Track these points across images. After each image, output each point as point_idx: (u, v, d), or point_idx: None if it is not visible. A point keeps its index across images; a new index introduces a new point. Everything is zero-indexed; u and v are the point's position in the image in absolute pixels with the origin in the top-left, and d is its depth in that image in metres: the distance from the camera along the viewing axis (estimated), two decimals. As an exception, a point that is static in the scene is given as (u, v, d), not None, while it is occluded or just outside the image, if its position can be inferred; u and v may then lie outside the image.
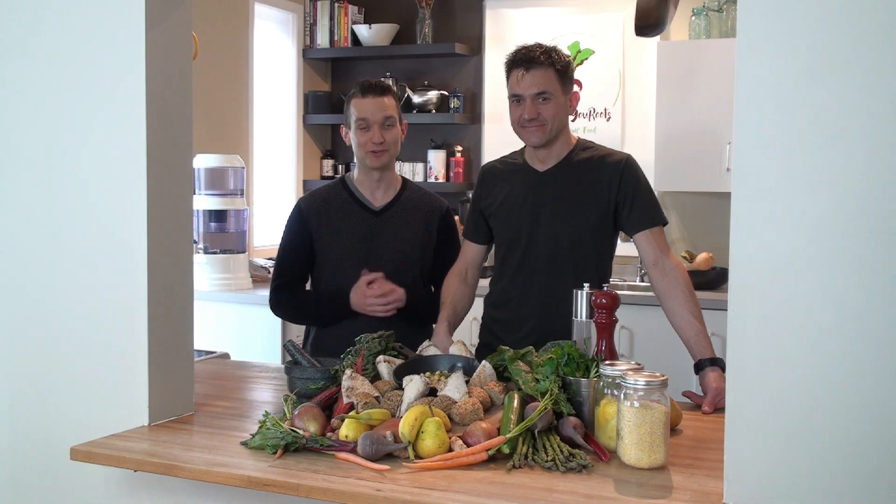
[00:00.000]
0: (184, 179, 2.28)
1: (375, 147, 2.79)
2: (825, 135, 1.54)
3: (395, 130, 2.83)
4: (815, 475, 1.57)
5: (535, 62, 2.55)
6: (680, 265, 2.55)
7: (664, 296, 2.51)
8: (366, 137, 2.79)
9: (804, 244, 1.56)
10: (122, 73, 2.16)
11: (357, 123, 2.79)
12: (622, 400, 1.85)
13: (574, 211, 2.62)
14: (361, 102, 2.80)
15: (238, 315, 4.35)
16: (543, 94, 2.55)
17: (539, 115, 2.56)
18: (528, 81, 2.55)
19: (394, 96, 2.86)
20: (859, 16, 1.51)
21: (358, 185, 2.90)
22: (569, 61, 2.62)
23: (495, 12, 5.26)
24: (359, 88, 2.83)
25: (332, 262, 2.85)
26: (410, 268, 2.86)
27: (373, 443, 1.86)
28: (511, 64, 2.60)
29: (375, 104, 2.79)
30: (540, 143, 2.61)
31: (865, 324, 1.53)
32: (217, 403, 2.38)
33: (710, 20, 4.66)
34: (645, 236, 2.58)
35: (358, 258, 2.82)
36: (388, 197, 2.90)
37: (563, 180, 2.64)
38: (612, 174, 2.61)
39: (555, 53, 2.58)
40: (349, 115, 2.84)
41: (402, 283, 2.81)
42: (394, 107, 2.83)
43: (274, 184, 5.35)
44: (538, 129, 2.58)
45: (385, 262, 2.82)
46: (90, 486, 2.21)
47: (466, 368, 2.33)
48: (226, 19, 4.87)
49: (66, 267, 2.26)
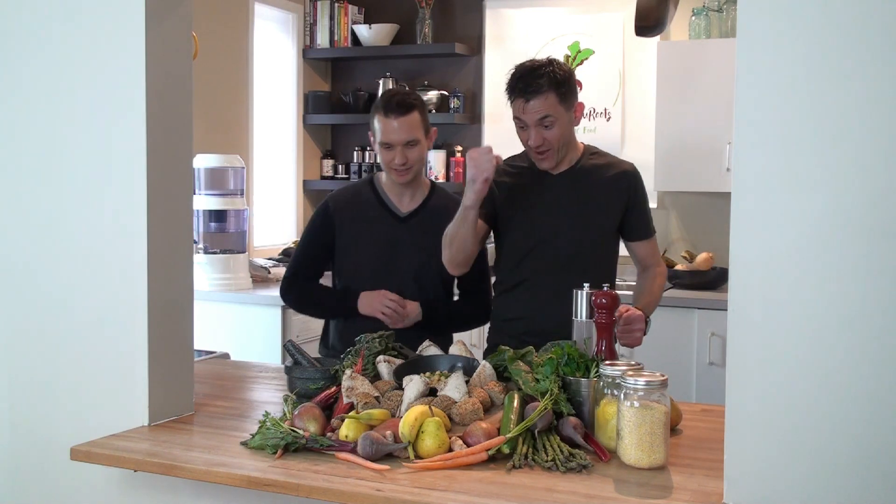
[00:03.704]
0: (184, 179, 2.28)
1: (398, 167, 2.75)
2: (825, 135, 1.54)
3: (420, 148, 2.77)
4: (815, 475, 1.57)
5: (533, 92, 2.52)
6: (664, 271, 2.81)
7: (640, 284, 2.78)
8: (389, 157, 2.75)
9: (804, 244, 1.56)
10: (122, 73, 2.16)
11: (380, 143, 2.75)
12: (622, 400, 1.85)
13: (587, 215, 2.65)
14: (385, 123, 2.73)
15: (238, 315, 4.35)
16: (546, 121, 2.54)
17: (545, 141, 2.57)
18: (529, 110, 2.55)
19: (420, 111, 2.77)
20: (859, 16, 1.52)
21: (386, 188, 2.87)
22: (568, 75, 2.59)
23: (495, 12, 5.26)
24: (382, 106, 2.76)
25: (352, 264, 2.84)
26: (431, 276, 2.82)
27: (373, 443, 1.86)
28: (511, 91, 2.58)
29: (399, 126, 2.72)
30: (551, 167, 2.65)
31: (865, 323, 1.53)
32: (217, 403, 2.38)
33: (710, 20, 4.66)
34: (644, 245, 2.74)
35: (379, 263, 2.81)
36: (415, 203, 2.86)
37: (575, 185, 2.66)
38: (626, 183, 2.68)
39: (553, 72, 2.54)
40: (373, 128, 2.78)
41: (421, 291, 2.79)
42: (418, 125, 2.75)
43: (274, 184, 5.35)
44: (546, 156, 2.61)
45: (405, 268, 2.80)
46: (90, 486, 2.21)
47: (466, 368, 2.33)
48: (226, 19, 4.87)
49: (67, 267, 2.26)
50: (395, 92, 2.83)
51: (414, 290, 2.79)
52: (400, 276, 2.79)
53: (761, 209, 1.59)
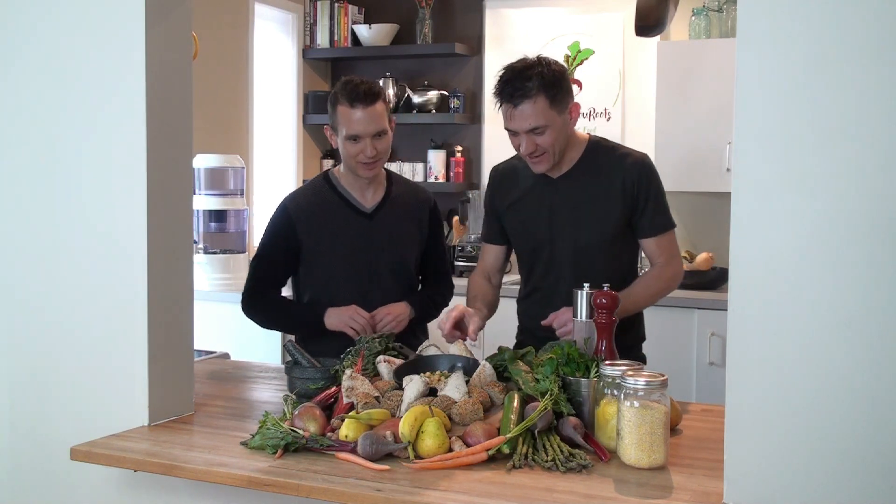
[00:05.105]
0: (184, 179, 2.28)
1: (368, 160, 2.60)
2: (825, 135, 1.54)
3: (388, 138, 2.62)
4: (814, 475, 1.57)
5: (521, 96, 2.39)
6: (671, 273, 2.59)
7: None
8: (356, 149, 2.59)
9: (804, 244, 1.56)
10: (122, 73, 2.16)
11: (346, 136, 2.58)
12: (622, 400, 1.85)
13: (588, 218, 2.54)
14: (350, 114, 2.56)
15: (238, 315, 4.31)
16: (536, 129, 2.42)
17: (537, 147, 2.45)
18: (518, 118, 2.42)
19: (383, 99, 2.61)
20: (859, 15, 1.51)
21: (346, 185, 2.72)
22: (559, 76, 2.44)
23: (495, 12, 5.26)
24: (345, 95, 2.57)
25: (324, 270, 2.70)
26: (406, 268, 2.78)
27: (373, 443, 1.86)
28: (498, 96, 2.46)
29: (366, 117, 2.55)
30: (546, 170, 2.53)
31: (865, 323, 1.53)
32: (217, 403, 2.38)
33: (710, 20, 4.66)
34: (650, 242, 2.58)
35: (353, 265, 2.69)
36: (377, 196, 2.74)
37: (576, 185, 2.56)
38: (629, 180, 2.52)
39: (540, 75, 2.40)
40: (336, 121, 2.61)
41: (399, 285, 2.74)
42: (384, 113, 2.60)
43: (274, 184, 5.35)
44: (540, 161, 2.49)
45: (382, 266, 2.71)
46: (90, 486, 2.21)
47: (466, 368, 2.33)
48: (226, 19, 4.87)
49: (67, 267, 2.26)
50: (358, 81, 2.61)
51: (392, 286, 2.72)
52: (377, 274, 2.70)
53: (761, 209, 1.59)
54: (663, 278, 2.58)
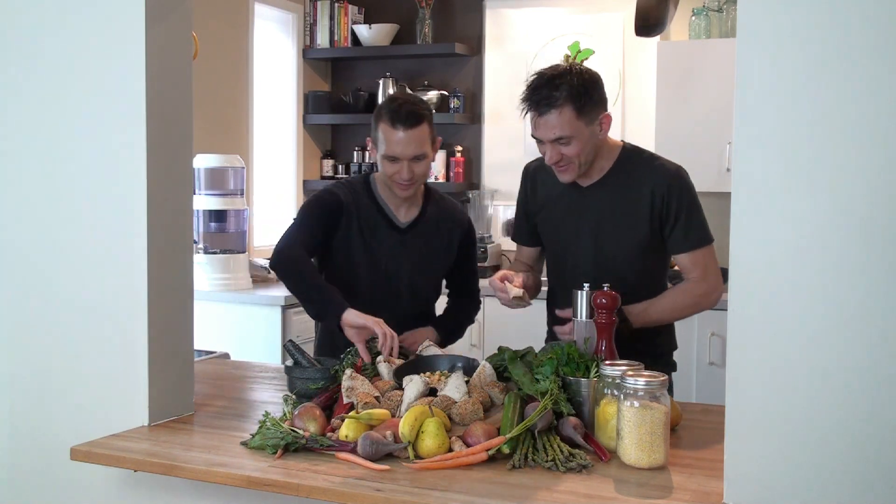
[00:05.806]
0: (184, 179, 2.28)
1: (403, 182, 2.54)
2: (825, 135, 1.54)
3: (427, 161, 2.55)
4: (815, 475, 1.57)
5: (546, 105, 2.30)
6: (713, 291, 2.47)
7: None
8: (393, 170, 2.53)
9: (804, 244, 1.56)
10: (122, 72, 2.16)
11: (385, 155, 2.52)
12: (622, 400, 1.85)
13: (615, 229, 2.46)
14: (391, 134, 2.49)
15: (238, 315, 4.35)
16: (561, 139, 2.33)
17: (562, 157, 2.36)
18: (543, 127, 2.34)
19: (429, 122, 2.53)
20: (859, 15, 1.51)
21: (383, 195, 2.67)
22: (590, 85, 2.34)
23: (495, 12, 5.26)
24: (389, 115, 2.50)
25: (346, 266, 2.65)
26: (426, 287, 2.75)
27: (373, 443, 1.86)
28: (525, 102, 2.36)
29: (406, 139, 2.48)
30: (572, 180, 2.44)
31: (865, 323, 1.53)
32: (217, 403, 2.38)
33: (710, 20, 4.66)
34: (684, 258, 2.47)
35: (375, 274, 2.65)
36: (413, 212, 2.69)
37: (605, 196, 2.47)
38: (657, 189, 2.43)
39: (569, 84, 2.30)
40: (376, 137, 2.55)
41: (415, 302, 2.70)
42: (426, 138, 2.52)
43: (274, 184, 5.35)
44: (566, 170, 2.40)
45: (402, 281, 2.68)
46: (90, 486, 2.21)
47: (466, 368, 2.33)
48: (226, 19, 4.87)
49: (67, 267, 2.26)
50: (404, 100, 2.57)
51: (409, 302, 2.70)
52: (396, 288, 2.68)
53: (761, 209, 1.59)
54: (693, 293, 2.47)
